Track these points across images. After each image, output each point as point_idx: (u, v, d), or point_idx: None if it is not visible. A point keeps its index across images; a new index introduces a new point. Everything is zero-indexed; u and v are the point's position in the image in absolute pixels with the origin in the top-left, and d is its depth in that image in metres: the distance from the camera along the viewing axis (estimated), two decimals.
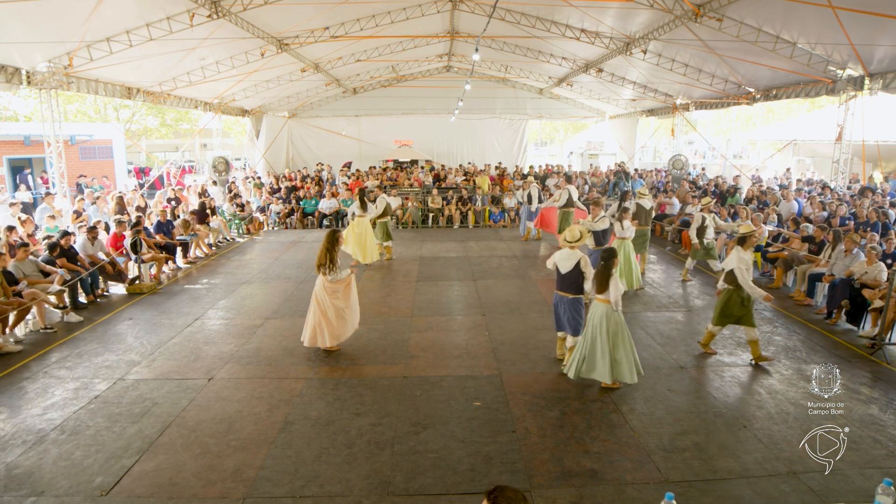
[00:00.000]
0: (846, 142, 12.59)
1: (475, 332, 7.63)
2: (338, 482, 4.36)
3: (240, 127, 29.51)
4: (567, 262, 6.03)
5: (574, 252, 6.05)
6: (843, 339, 7.28)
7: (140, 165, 27.19)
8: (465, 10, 13.38)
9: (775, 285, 9.75)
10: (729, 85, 14.84)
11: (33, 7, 8.42)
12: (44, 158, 13.43)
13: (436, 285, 10.00)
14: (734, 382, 6.04)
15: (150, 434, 5.04)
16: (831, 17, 8.76)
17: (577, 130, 38.20)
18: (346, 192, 17.64)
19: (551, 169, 20.65)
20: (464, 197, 17.07)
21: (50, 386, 6.01)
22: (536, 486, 4.30)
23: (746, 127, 36.83)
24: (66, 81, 11.22)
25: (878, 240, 8.79)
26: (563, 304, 6.15)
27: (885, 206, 11.09)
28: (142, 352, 6.98)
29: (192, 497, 4.20)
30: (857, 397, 5.66)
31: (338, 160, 22.04)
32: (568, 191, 12.05)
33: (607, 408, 5.48)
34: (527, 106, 23.26)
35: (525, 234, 14.18)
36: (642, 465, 4.54)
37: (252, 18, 11.46)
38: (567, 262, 6.03)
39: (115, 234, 10.34)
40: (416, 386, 5.98)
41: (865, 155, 12.73)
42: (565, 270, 6.06)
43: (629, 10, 11.37)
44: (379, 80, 21.48)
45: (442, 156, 23.28)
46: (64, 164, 12.33)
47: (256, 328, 7.81)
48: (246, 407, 5.55)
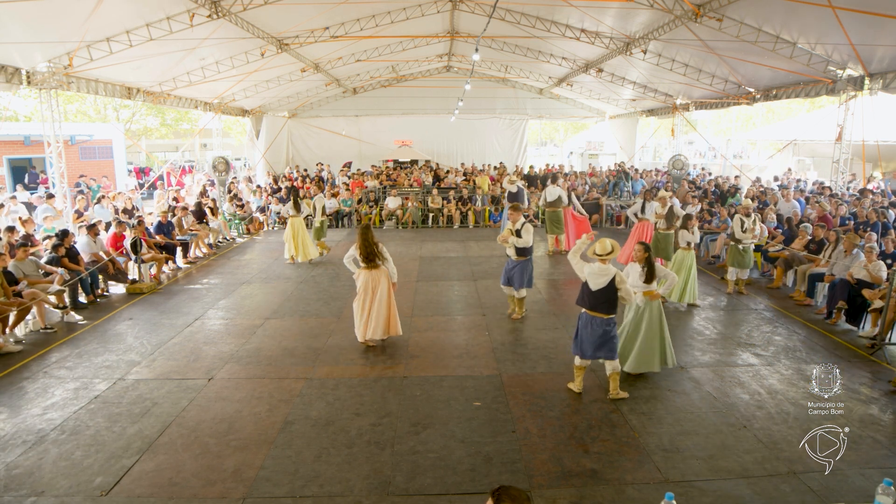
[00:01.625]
0: (846, 142, 12.58)
1: (475, 332, 7.63)
2: (338, 482, 4.36)
3: (240, 127, 29.52)
4: (601, 279, 5.39)
5: (607, 267, 5.43)
6: (843, 339, 7.28)
7: (140, 165, 27.20)
8: (465, 10, 13.38)
9: (775, 285, 9.75)
10: (729, 85, 14.84)
11: (33, 7, 8.41)
12: (44, 158, 13.42)
13: (436, 285, 10.00)
14: (734, 382, 6.04)
15: (150, 434, 5.04)
16: (831, 17, 8.76)
17: (577, 130, 38.23)
18: (346, 192, 17.65)
19: (551, 169, 20.65)
20: (464, 197, 17.07)
21: (50, 386, 6.01)
22: (536, 486, 4.30)
23: (746, 127, 36.85)
24: (66, 81, 11.22)
25: (877, 239, 8.79)
26: (594, 324, 5.49)
27: (885, 205, 11.09)
28: (142, 352, 6.98)
29: (192, 497, 4.20)
30: (857, 397, 5.66)
31: (338, 160, 22.04)
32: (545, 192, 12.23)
33: (607, 408, 5.48)
34: (527, 106, 23.26)
35: None
36: (642, 465, 4.54)
37: (252, 18, 11.45)
38: (601, 278, 5.39)
39: (115, 234, 10.35)
40: (416, 386, 5.98)
41: (865, 155, 12.72)
42: (597, 287, 5.40)
43: (629, 10, 11.37)
44: (379, 80, 21.47)
45: (442, 156, 23.29)
46: (64, 164, 12.32)
47: (256, 328, 7.81)
48: (246, 407, 5.55)
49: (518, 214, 7.90)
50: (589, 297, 5.48)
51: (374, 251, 6.78)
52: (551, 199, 12.14)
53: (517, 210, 7.96)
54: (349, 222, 16.86)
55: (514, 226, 7.82)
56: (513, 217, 7.90)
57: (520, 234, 7.73)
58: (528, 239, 7.72)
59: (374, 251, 6.78)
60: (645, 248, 5.89)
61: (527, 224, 7.82)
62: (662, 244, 9.51)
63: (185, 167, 24.26)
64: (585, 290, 5.51)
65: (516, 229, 7.78)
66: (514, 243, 7.73)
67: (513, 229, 7.80)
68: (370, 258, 6.79)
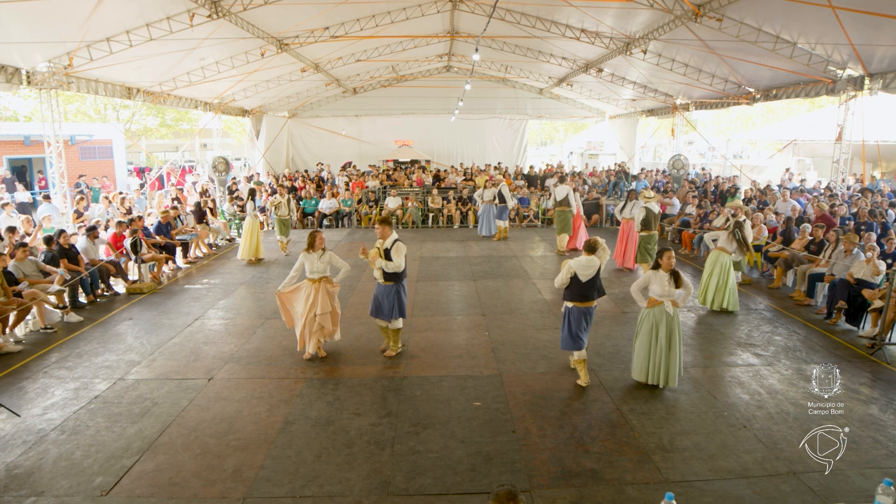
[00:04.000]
0: (846, 142, 12.58)
1: (475, 332, 7.63)
2: (338, 482, 4.36)
3: (240, 127, 29.51)
4: (588, 270, 5.74)
5: (592, 258, 5.78)
6: (843, 339, 7.28)
7: (140, 165, 27.20)
8: (465, 10, 13.38)
9: (775, 285, 9.76)
10: (729, 85, 14.85)
11: (33, 7, 8.41)
12: (44, 158, 13.42)
13: (436, 285, 10.00)
14: (734, 382, 6.04)
15: (150, 434, 5.04)
16: (831, 17, 8.76)
17: (577, 130, 38.21)
18: (346, 192, 17.65)
19: (551, 169, 20.64)
20: (464, 197, 17.08)
21: (50, 386, 6.01)
22: (536, 486, 4.30)
23: (746, 127, 36.85)
24: (66, 81, 11.22)
25: (876, 239, 8.79)
26: (588, 315, 5.87)
27: (885, 206, 11.09)
28: (142, 352, 6.98)
29: (192, 497, 4.20)
30: (857, 397, 5.66)
31: (338, 160, 22.05)
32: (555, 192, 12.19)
33: (607, 408, 5.48)
34: (527, 106, 23.26)
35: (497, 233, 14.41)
36: (642, 465, 4.54)
37: (252, 18, 11.46)
38: (588, 269, 5.75)
39: (115, 234, 10.35)
40: (416, 386, 5.98)
41: (865, 155, 12.73)
42: (587, 278, 5.74)
43: (629, 10, 11.36)
44: (379, 80, 21.47)
45: (442, 156, 23.29)
46: (64, 164, 12.32)
47: (256, 328, 7.81)
48: (246, 407, 5.55)
49: (388, 230, 6.45)
50: (580, 288, 5.79)
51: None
52: (560, 197, 12.12)
53: (386, 225, 6.48)
54: (349, 222, 16.87)
55: (383, 244, 6.42)
56: (381, 233, 6.46)
57: (389, 254, 6.35)
58: (400, 262, 6.34)
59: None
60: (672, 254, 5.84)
61: (398, 243, 6.40)
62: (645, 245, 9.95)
63: (185, 167, 24.26)
64: (576, 284, 5.80)
65: (385, 248, 6.38)
66: (381, 266, 6.38)
67: (381, 249, 6.41)
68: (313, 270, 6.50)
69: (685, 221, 13.59)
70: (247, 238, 11.81)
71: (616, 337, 7.37)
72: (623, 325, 7.82)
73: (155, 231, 11.49)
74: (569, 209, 12.21)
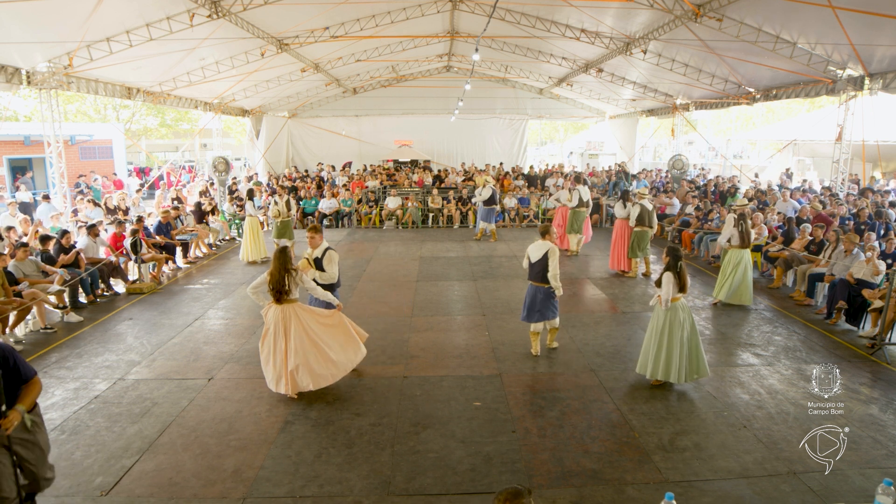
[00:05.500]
0: (846, 142, 12.58)
1: (475, 332, 7.63)
2: (338, 482, 4.36)
3: (240, 127, 29.52)
4: (537, 252, 6.40)
5: (544, 242, 6.38)
6: (843, 339, 7.28)
7: (140, 165, 27.21)
8: (465, 10, 13.38)
9: (775, 285, 9.76)
10: (729, 85, 14.84)
11: (33, 7, 8.41)
12: (44, 158, 13.42)
13: (436, 285, 10.00)
14: (734, 382, 6.04)
15: (150, 434, 5.04)
16: (831, 17, 8.76)
17: (577, 130, 38.22)
18: (346, 192, 17.65)
19: (551, 169, 20.64)
20: (464, 197, 17.07)
21: (50, 386, 6.00)
22: (536, 486, 4.30)
23: (746, 127, 36.84)
24: (66, 81, 11.22)
25: (876, 239, 8.80)
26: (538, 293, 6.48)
27: (885, 206, 11.09)
28: (142, 352, 6.98)
29: (192, 497, 4.20)
30: (857, 397, 5.66)
31: (338, 160, 22.07)
32: (579, 191, 12.07)
33: (607, 408, 5.48)
34: (527, 106, 23.27)
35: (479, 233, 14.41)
36: (642, 465, 4.54)
37: (252, 18, 11.46)
38: (538, 251, 6.39)
39: (115, 234, 10.35)
40: (416, 386, 5.98)
41: (865, 155, 12.73)
42: (535, 259, 6.42)
43: (629, 10, 11.37)
44: (379, 80, 21.48)
45: (442, 156, 23.30)
46: (64, 164, 12.33)
47: (256, 328, 7.80)
48: (246, 407, 5.54)
49: (318, 238, 6.01)
50: (530, 268, 6.49)
51: (283, 283, 5.37)
52: (585, 198, 12.07)
53: (317, 233, 6.02)
54: (349, 222, 16.87)
55: (312, 254, 5.96)
56: (312, 242, 6.01)
57: (321, 264, 5.91)
58: (333, 272, 5.93)
59: (283, 283, 5.37)
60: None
61: (329, 252, 5.96)
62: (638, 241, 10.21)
63: (185, 167, 24.28)
64: (529, 264, 6.52)
65: (315, 258, 5.92)
66: (313, 278, 5.84)
67: (311, 258, 5.93)
68: (279, 290, 5.41)
69: (685, 221, 13.59)
70: (248, 239, 11.78)
71: (616, 337, 7.37)
72: (623, 325, 7.82)
73: (155, 231, 11.49)
74: (585, 210, 12.18)
